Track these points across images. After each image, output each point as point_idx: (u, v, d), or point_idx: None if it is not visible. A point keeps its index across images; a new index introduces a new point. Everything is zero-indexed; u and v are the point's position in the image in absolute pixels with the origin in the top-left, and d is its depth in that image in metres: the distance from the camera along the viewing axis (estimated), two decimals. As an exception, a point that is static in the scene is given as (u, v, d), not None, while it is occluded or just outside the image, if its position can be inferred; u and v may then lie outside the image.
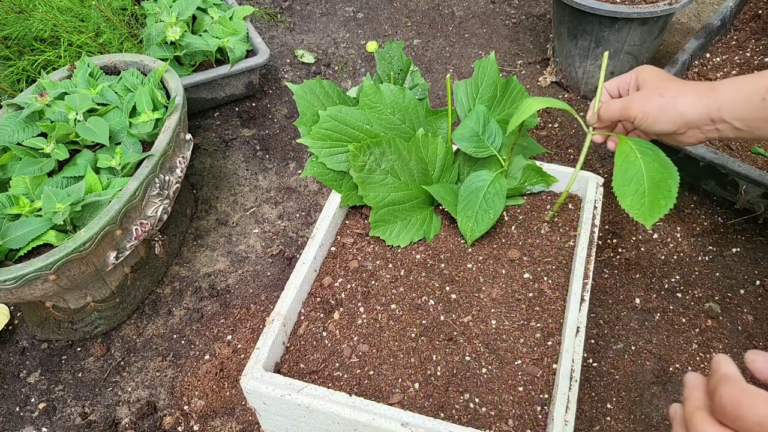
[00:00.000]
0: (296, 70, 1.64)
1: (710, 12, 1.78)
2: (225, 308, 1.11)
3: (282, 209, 1.29)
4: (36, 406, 0.99)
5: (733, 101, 0.65)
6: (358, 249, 0.91)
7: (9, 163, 1.00)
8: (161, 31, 1.31)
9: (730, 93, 0.65)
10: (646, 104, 0.70)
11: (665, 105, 0.68)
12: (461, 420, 0.72)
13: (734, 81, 0.66)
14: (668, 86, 0.69)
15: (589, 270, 0.83)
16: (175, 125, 1.04)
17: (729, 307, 1.06)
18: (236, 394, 0.98)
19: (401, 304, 0.83)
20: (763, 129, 0.65)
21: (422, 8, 1.84)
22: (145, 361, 1.04)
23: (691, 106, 0.67)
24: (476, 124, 0.89)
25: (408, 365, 0.77)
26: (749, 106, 0.64)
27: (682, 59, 1.24)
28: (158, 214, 1.02)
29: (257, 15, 1.82)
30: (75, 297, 1.01)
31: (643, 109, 0.70)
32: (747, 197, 1.07)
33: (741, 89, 0.64)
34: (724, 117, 0.66)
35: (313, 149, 0.87)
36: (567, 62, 1.46)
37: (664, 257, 1.14)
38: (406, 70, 0.96)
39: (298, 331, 0.82)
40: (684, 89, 0.68)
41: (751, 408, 0.36)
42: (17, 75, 1.35)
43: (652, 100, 0.69)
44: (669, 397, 0.95)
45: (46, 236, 0.90)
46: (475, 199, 0.86)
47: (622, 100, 0.73)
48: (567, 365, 0.72)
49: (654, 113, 0.69)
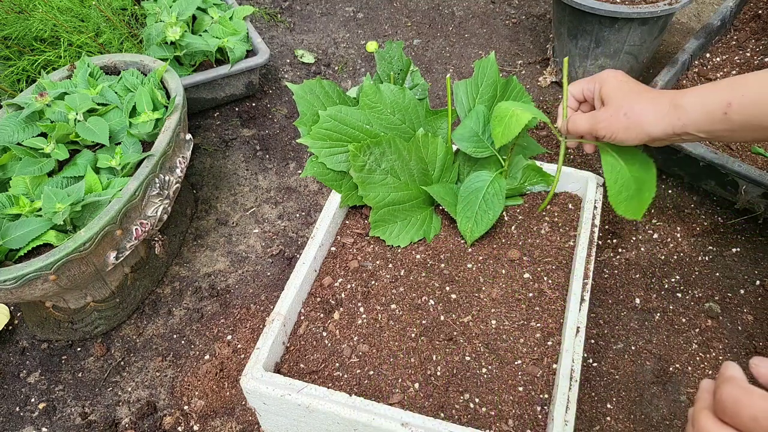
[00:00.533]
0: (296, 70, 1.64)
1: (710, 12, 1.78)
2: (225, 308, 1.11)
3: (282, 209, 1.29)
4: (36, 406, 0.99)
5: (697, 118, 0.67)
6: (358, 249, 0.91)
7: (9, 163, 1.00)
8: (161, 31, 1.31)
9: (692, 110, 0.67)
10: (612, 125, 0.72)
11: (630, 126, 0.71)
12: (461, 420, 0.72)
13: (697, 95, 0.67)
14: (631, 106, 0.71)
15: (589, 270, 0.83)
16: (175, 125, 1.04)
17: (729, 307, 1.06)
18: (236, 394, 0.98)
19: (401, 304, 0.83)
20: (727, 137, 0.67)
21: (422, 8, 1.84)
22: (145, 361, 1.04)
23: (655, 125, 0.70)
24: (476, 124, 0.89)
25: (408, 365, 0.77)
26: (712, 119, 0.66)
27: (682, 59, 1.25)
28: (158, 214, 1.02)
29: (257, 15, 1.82)
30: (75, 297, 1.01)
31: (610, 129, 0.73)
32: (747, 197, 1.07)
33: (703, 105, 0.66)
34: (689, 131, 0.68)
35: (313, 149, 0.87)
36: (567, 62, 1.46)
37: (664, 257, 1.14)
38: (406, 70, 0.96)
39: (298, 331, 0.82)
40: (647, 108, 0.70)
41: (747, 404, 0.38)
42: (17, 75, 1.35)
43: (618, 121, 0.72)
44: (669, 397, 0.95)
45: (46, 236, 0.90)
46: (475, 200, 0.86)
47: (589, 118, 0.76)
48: (567, 365, 0.72)
49: (621, 134, 0.72)
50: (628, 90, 0.73)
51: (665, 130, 0.69)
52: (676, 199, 1.23)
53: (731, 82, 0.65)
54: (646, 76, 1.54)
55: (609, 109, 0.73)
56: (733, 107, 0.64)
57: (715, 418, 0.40)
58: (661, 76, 1.22)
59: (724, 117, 0.65)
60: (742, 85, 0.64)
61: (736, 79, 0.65)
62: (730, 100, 0.64)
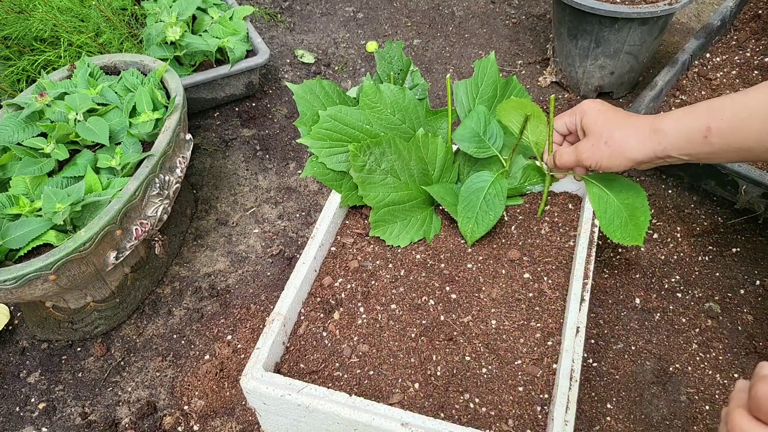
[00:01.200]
0: (296, 70, 1.64)
1: (710, 12, 1.78)
2: (225, 308, 1.11)
3: (282, 209, 1.29)
4: (36, 406, 0.99)
5: (677, 142, 0.68)
6: (358, 249, 0.91)
7: (9, 163, 1.00)
8: (161, 31, 1.31)
9: (672, 134, 0.68)
10: (595, 154, 0.74)
11: (613, 154, 0.73)
12: (461, 420, 0.72)
13: (676, 119, 0.68)
14: (611, 133, 0.73)
15: (589, 270, 0.83)
16: (175, 125, 1.04)
17: (729, 307, 1.06)
18: (236, 394, 0.98)
19: (401, 304, 0.83)
20: (709, 159, 0.68)
21: (422, 8, 1.84)
22: (145, 361, 1.04)
23: (637, 151, 0.71)
24: (477, 124, 0.88)
25: (408, 365, 0.77)
26: (692, 143, 0.67)
27: (682, 59, 1.24)
28: (158, 214, 1.02)
29: (257, 15, 1.82)
30: (75, 297, 1.01)
31: (594, 159, 0.74)
32: (747, 197, 1.07)
33: (683, 130, 0.67)
34: (671, 154, 0.69)
35: (313, 149, 0.87)
36: (567, 62, 1.46)
37: (664, 257, 1.14)
38: (406, 70, 0.96)
39: (298, 331, 0.82)
40: (628, 134, 0.71)
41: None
42: (17, 75, 1.35)
43: (600, 150, 0.73)
44: (669, 397, 0.95)
45: (46, 236, 0.90)
46: (476, 200, 0.86)
47: (573, 151, 0.77)
48: (567, 365, 0.72)
49: (605, 162, 0.74)
50: (607, 118, 0.74)
51: (647, 155, 0.70)
52: (676, 199, 1.23)
53: (709, 107, 0.66)
54: (646, 76, 1.54)
55: (590, 139, 0.75)
56: (712, 131, 0.65)
57: (750, 416, 0.40)
58: (661, 76, 1.22)
59: (705, 140, 0.65)
60: (719, 110, 0.65)
61: (713, 103, 0.66)
62: (709, 124, 0.65)
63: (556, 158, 0.80)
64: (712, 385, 0.95)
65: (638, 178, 1.27)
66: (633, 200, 0.80)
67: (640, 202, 0.80)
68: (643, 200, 0.80)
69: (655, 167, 0.80)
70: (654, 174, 1.28)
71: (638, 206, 0.80)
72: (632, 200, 0.80)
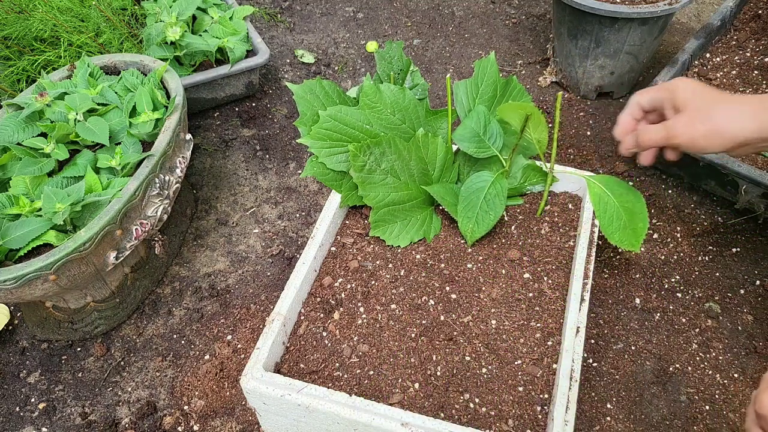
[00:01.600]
0: (296, 70, 1.64)
1: (710, 12, 1.78)
2: (225, 308, 1.11)
3: (282, 209, 1.29)
4: (36, 406, 0.99)
5: None
6: (358, 249, 0.91)
7: (9, 163, 1.00)
8: (161, 31, 1.31)
9: None
10: (692, 132, 0.67)
11: (709, 133, 0.66)
12: (461, 420, 0.72)
13: None
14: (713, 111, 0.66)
15: (589, 270, 0.83)
16: (175, 125, 1.04)
17: (729, 307, 1.06)
18: (236, 394, 0.98)
19: (401, 304, 0.83)
20: None
21: (422, 8, 1.84)
22: (145, 361, 1.04)
23: (742, 129, 0.64)
24: (477, 124, 0.88)
25: (408, 365, 0.77)
26: None
27: (682, 59, 1.24)
28: (158, 214, 1.02)
29: (257, 15, 1.82)
30: (75, 297, 1.01)
31: (690, 137, 0.67)
32: (747, 197, 1.07)
33: None
34: None
35: (313, 149, 0.87)
36: (567, 62, 1.46)
37: (664, 257, 1.14)
38: (406, 70, 0.96)
39: (298, 331, 0.82)
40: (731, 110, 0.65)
41: None
42: (17, 75, 1.35)
43: (697, 128, 0.66)
44: (669, 397, 0.95)
45: (46, 236, 0.90)
46: (476, 200, 0.86)
47: (662, 128, 0.70)
48: (567, 365, 0.72)
49: (701, 141, 0.67)
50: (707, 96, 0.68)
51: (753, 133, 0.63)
52: (676, 199, 1.23)
53: None
54: (646, 77, 1.54)
55: (685, 115, 0.68)
56: None
57: None
58: (661, 76, 1.21)
59: None
60: None
61: None
62: None
63: (640, 135, 0.72)
64: (712, 385, 0.95)
65: (638, 178, 1.27)
66: (633, 205, 0.81)
67: (639, 208, 0.80)
68: (642, 207, 0.80)
69: (655, 167, 0.79)
70: (654, 174, 1.28)
71: (637, 212, 0.80)
72: (632, 205, 0.81)
